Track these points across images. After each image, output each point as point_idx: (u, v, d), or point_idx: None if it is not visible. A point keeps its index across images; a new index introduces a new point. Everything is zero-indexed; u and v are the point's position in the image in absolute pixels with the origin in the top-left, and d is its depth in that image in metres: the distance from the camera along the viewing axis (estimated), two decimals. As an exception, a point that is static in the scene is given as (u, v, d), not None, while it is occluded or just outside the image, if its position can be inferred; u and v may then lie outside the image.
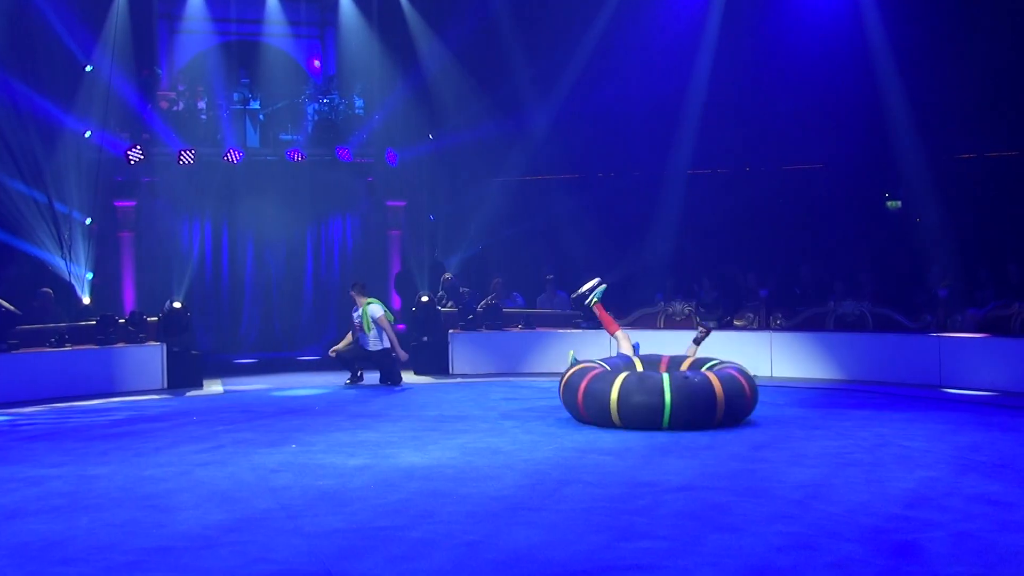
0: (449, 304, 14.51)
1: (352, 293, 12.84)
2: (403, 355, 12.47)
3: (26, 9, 14.28)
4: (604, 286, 11.13)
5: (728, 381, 8.86)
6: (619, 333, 10.77)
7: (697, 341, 10.44)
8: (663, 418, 8.52)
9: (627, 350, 10.41)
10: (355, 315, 12.63)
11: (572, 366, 9.53)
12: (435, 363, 13.58)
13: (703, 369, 9.43)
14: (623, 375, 8.88)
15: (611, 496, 6.20)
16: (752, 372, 9.72)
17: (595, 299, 10.90)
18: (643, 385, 8.69)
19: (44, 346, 11.97)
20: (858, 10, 15.89)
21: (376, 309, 12.49)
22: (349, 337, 12.79)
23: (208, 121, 16.51)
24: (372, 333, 12.42)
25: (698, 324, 10.65)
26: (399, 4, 17.59)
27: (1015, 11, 14.93)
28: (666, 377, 8.71)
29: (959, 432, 8.37)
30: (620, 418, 8.66)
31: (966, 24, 15.34)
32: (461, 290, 14.90)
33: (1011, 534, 5.22)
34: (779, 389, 11.40)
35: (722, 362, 9.71)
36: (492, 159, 17.85)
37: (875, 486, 6.35)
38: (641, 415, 8.59)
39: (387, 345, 12.43)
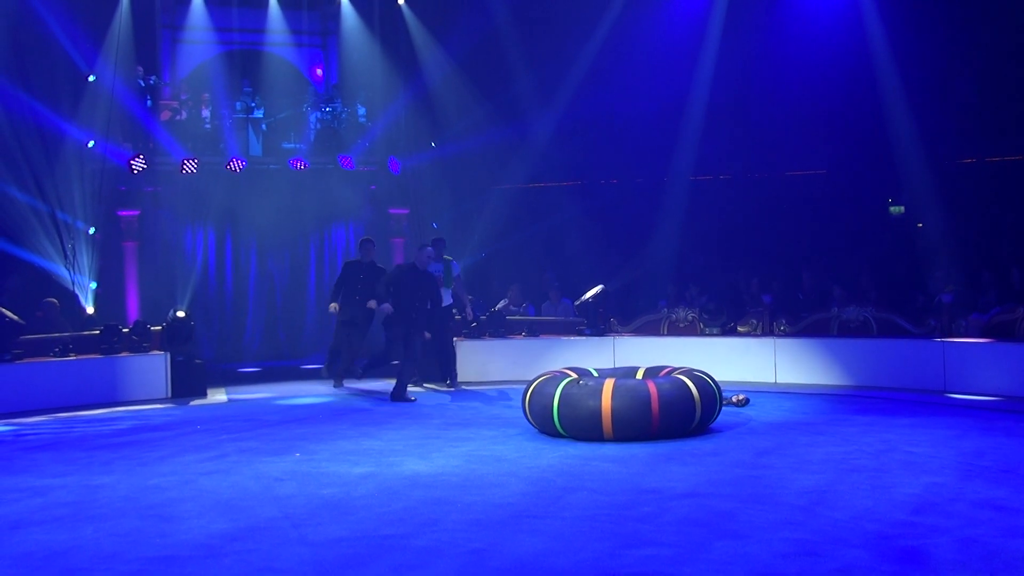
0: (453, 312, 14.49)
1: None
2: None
3: (29, 19, 14.33)
4: (601, 287, 11.13)
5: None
6: None
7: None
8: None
9: None
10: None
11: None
12: (439, 371, 13.55)
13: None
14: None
15: (615, 503, 6.19)
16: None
17: None
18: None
19: (48, 356, 11.96)
20: (859, 16, 15.92)
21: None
22: None
23: (211, 130, 16.55)
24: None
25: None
26: (401, 12, 17.66)
27: (1017, 16, 14.95)
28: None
29: (964, 437, 8.35)
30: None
31: (968, 29, 15.38)
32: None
33: (1017, 539, 5.21)
34: (783, 395, 11.39)
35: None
36: (494, 167, 17.89)
37: (880, 492, 6.34)
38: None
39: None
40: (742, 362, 12.74)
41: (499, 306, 14.53)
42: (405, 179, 17.26)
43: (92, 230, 14.78)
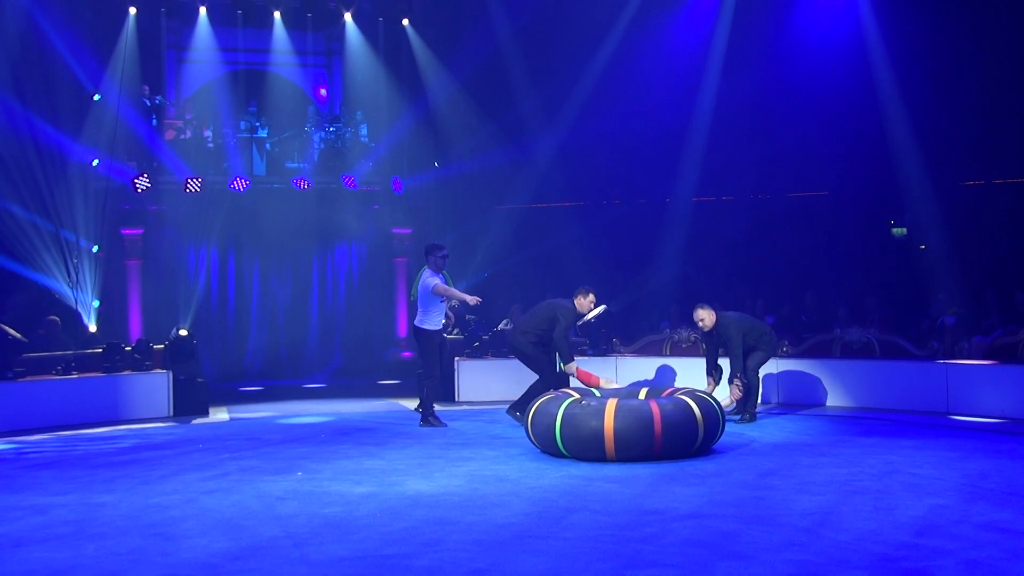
0: (455, 331, 14.51)
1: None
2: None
3: (35, 38, 14.43)
4: (603, 307, 11.16)
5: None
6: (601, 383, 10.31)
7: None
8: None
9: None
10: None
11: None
12: (441, 390, 13.54)
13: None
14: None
15: (618, 524, 6.17)
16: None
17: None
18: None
19: (50, 374, 11.98)
20: (863, 38, 15.99)
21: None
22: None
23: (215, 149, 16.62)
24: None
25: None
26: (405, 33, 17.76)
27: (1021, 38, 15.01)
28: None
29: (968, 459, 8.32)
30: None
31: (971, 50, 15.43)
32: (467, 317, 14.91)
33: (1021, 562, 5.18)
34: (786, 416, 11.37)
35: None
36: (497, 187, 17.95)
37: (884, 514, 6.32)
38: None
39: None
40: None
41: (502, 326, 14.55)
42: (409, 199, 17.32)
43: (95, 248, 14.82)
